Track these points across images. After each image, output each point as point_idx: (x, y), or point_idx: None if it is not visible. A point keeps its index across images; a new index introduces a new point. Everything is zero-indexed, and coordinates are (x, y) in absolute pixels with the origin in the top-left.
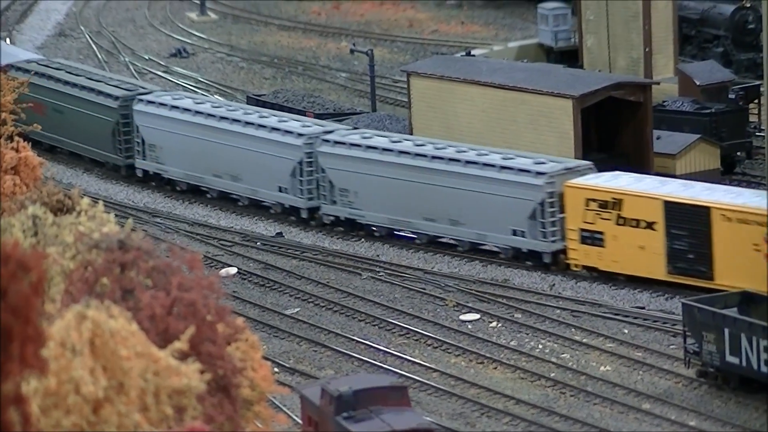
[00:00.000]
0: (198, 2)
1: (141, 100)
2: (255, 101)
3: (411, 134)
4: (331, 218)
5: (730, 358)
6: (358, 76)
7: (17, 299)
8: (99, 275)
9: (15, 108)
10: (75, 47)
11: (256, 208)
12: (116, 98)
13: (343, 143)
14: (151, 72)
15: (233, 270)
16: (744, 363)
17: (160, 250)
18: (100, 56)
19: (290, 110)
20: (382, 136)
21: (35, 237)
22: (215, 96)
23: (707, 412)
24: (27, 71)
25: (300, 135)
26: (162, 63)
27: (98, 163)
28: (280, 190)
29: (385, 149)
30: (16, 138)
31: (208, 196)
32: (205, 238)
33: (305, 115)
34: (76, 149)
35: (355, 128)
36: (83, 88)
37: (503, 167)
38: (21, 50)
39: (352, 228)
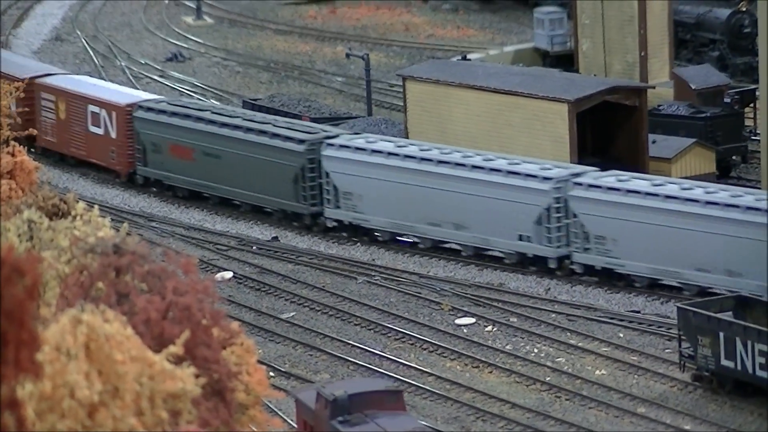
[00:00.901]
0: (194, 6)
1: (331, 145)
2: (251, 106)
3: (407, 138)
4: (582, 267)
5: (725, 362)
6: (354, 80)
7: (12, 303)
8: (94, 279)
9: (11, 112)
10: (71, 52)
11: (258, 212)
12: (301, 142)
13: (599, 186)
14: (147, 76)
15: (229, 274)
16: (739, 367)
17: (156, 254)
18: (96, 61)
19: (286, 114)
20: (641, 179)
21: (30, 241)
22: (212, 100)
23: (702, 416)
24: (161, 112)
25: (546, 179)
26: (158, 67)
27: (261, 210)
28: (521, 239)
29: (648, 194)
30: (12, 142)
31: (421, 246)
32: (200, 243)
33: (301, 119)
34: (237, 196)
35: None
36: (249, 130)
37: None
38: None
39: (608, 278)
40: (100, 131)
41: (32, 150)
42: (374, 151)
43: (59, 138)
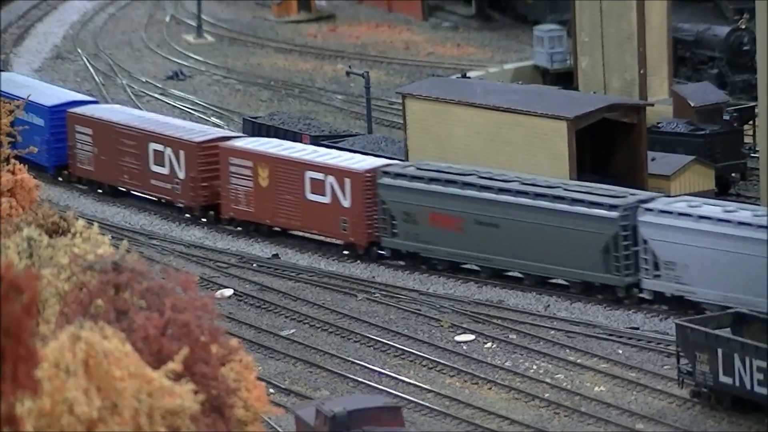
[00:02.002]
0: (194, 25)
1: (650, 210)
2: (251, 124)
3: (406, 156)
4: None
5: (723, 379)
6: (354, 98)
7: (10, 320)
8: (93, 297)
9: (12, 131)
10: (72, 70)
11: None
12: (613, 207)
13: None
14: (148, 95)
15: (229, 291)
16: (737, 383)
17: (155, 271)
18: (97, 79)
19: (286, 132)
20: None
21: (30, 259)
22: (213, 118)
23: None
24: (415, 178)
25: None
26: (159, 85)
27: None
28: None
29: None
30: (12, 160)
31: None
32: (201, 260)
33: (301, 138)
34: (521, 268)
35: None
36: (539, 195)
37: None
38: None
39: None
40: (325, 200)
41: (204, 219)
42: (701, 217)
43: (258, 207)
